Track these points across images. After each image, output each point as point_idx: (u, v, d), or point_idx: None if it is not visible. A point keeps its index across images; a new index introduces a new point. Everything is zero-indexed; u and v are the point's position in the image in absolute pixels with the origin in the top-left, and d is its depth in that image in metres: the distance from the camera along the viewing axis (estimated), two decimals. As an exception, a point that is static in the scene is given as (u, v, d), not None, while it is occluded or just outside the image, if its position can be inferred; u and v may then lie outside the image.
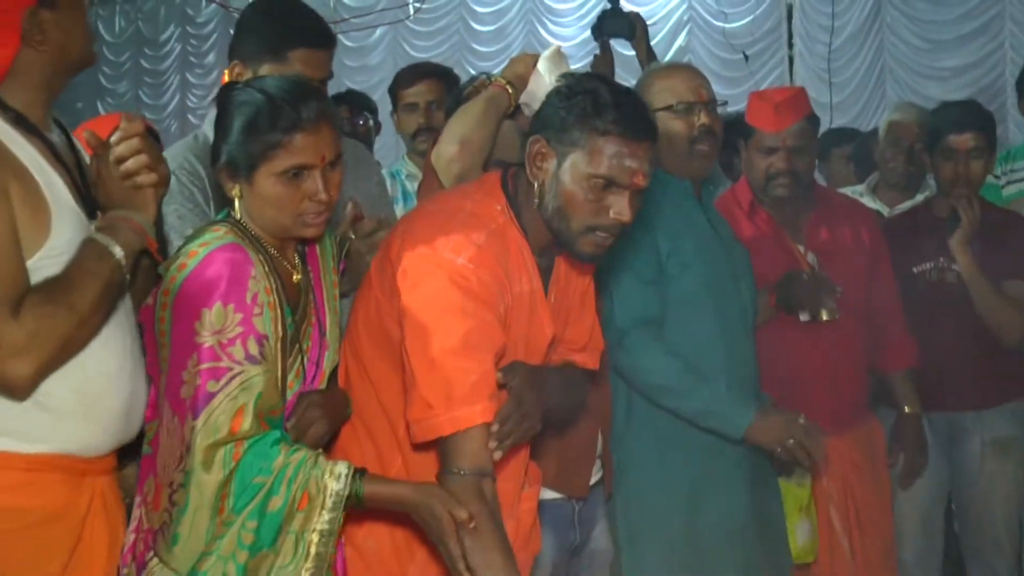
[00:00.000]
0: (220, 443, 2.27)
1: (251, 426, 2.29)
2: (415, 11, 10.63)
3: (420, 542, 2.58)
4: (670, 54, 9.18)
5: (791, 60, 9.09)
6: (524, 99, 3.11)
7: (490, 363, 2.46)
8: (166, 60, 13.13)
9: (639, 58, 4.87)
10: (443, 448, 2.43)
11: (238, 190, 2.42)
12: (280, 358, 2.41)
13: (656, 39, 9.24)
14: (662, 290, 3.38)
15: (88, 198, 2.41)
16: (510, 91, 3.09)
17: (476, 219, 2.51)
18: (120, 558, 2.44)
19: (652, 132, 2.53)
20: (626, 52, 5.17)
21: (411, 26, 10.85)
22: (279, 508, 2.30)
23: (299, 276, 2.52)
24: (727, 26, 9.13)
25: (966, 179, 4.24)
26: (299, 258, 2.55)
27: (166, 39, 13.12)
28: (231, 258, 2.33)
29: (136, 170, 2.38)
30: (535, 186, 2.53)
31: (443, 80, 4.76)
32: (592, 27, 4.96)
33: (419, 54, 10.28)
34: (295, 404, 2.49)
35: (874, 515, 3.99)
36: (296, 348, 2.46)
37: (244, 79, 2.78)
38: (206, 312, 2.28)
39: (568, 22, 9.95)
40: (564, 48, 3.21)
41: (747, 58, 8.89)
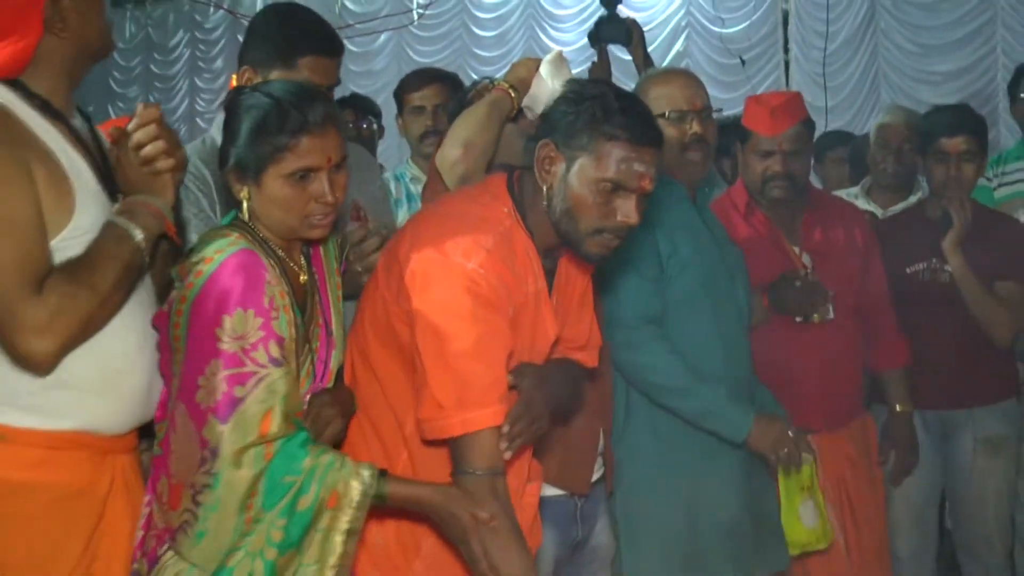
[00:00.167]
0: (250, 445, 2.28)
1: (280, 427, 2.30)
2: (419, 17, 10.65)
3: (425, 537, 2.59)
4: (668, 59, 9.18)
5: (787, 65, 9.10)
6: (526, 103, 3.10)
7: (502, 366, 2.48)
8: (175, 65, 13.14)
9: (636, 63, 4.87)
10: (455, 449, 2.45)
11: (246, 192, 2.42)
12: (293, 358, 2.42)
13: (655, 44, 9.26)
14: (662, 290, 3.39)
15: (110, 182, 2.44)
16: (512, 95, 3.09)
17: (484, 222, 2.51)
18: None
19: (658, 137, 2.54)
20: (624, 56, 5.17)
21: (415, 32, 10.86)
22: (308, 507, 2.31)
23: (305, 277, 2.52)
24: (724, 31, 9.13)
25: (958, 182, 4.24)
26: (304, 259, 2.55)
27: (175, 45, 13.13)
28: (247, 263, 2.33)
29: (154, 156, 2.41)
30: (543, 189, 2.53)
31: (449, 85, 4.77)
32: (589, 33, 4.97)
33: (422, 59, 10.28)
34: (308, 403, 2.50)
35: (868, 511, 3.99)
36: (306, 348, 2.47)
37: (253, 84, 2.78)
38: (227, 319, 2.28)
39: (568, 27, 9.95)
40: (565, 53, 3.20)
41: (744, 62, 8.88)
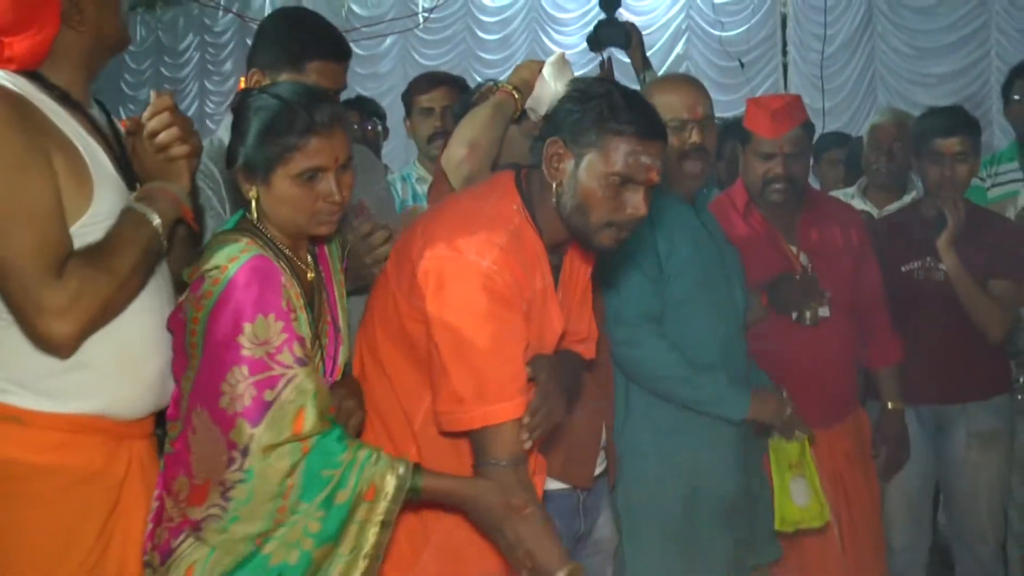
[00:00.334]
0: (284, 443, 2.30)
1: (314, 425, 2.32)
2: (424, 21, 10.65)
3: (433, 529, 2.60)
4: (668, 62, 9.19)
5: (785, 67, 9.09)
6: (530, 104, 3.11)
7: (520, 360, 2.50)
8: (185, 68, 13.15)
9: (634, 66, 4.88)
10: (477, 441, 2.48)
11: (255, 191, 2.42)
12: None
13: (655, 47, 9.27)
14: (661, 289, 3.40)
15: (128, 170, 2.45)
16: (516, 97, 3.10)
17: (496, 220, 2.52)
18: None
19: (663, 131, 2.56)
20: (623, 59, 5.18)
21: (420, 35, 10.86)
22: (346, 500, 2.33)
23: (312, 274, 2.53)
24: (724, 34, 9.13)
25: (952, 182, 4.26)
26: (311, 257, 2.56)
27: (185, 48, 13.14)
28: (262, 269, 2.34)
29: (169, 142, 2.42)
30: (553, 186, 2.55)
31: (456, 87, 4.82)
32: (588, 37, 4.97)
33: (427, 62, 10.29)
34: None
35: (864, 505, 4.00)
36: (316, 344, 2.48)
37: (261, 86, 2.79)
38: (248, 326, 2.29)
39: (571, 31, 9.95)
40: (567, 55, 3.20)
41: (743, 65, 8.88)
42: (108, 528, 2.39)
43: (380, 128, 5.60)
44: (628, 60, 4.95)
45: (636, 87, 3.58)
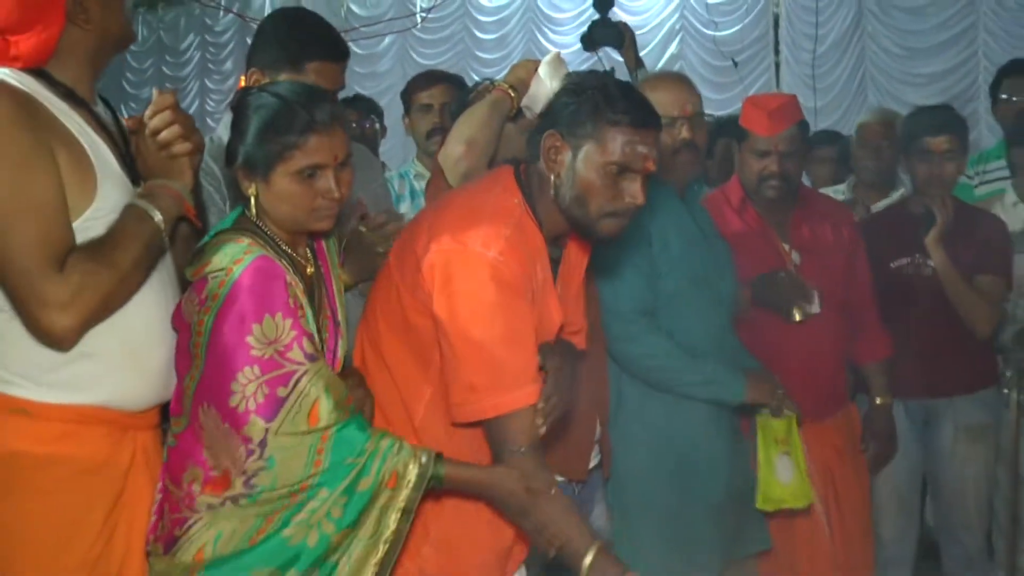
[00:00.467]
0: (301, 434, 2.31)
1: (330, 416, 2.33)
2: (422, 20, 10.64)
3: (433, 522, 2.60)
4: (663, 61, 9.19)
5: (777, 66, 9.10)
6: (526, 102, 3.12)
7: (532, 347, 2.51)
8: (186, 67, 13.13)
9: (627, 65, 4.88)
10: (495, 430, 2.48)
11: (254, 188, 2.42)
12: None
13: (650, 46, 9.27)
14: (655, 283, 3.41)
15: (132, 166, 2.46)
16: (512, 95, 3.11)
17: (499, 213, 2.53)
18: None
19: (657, 120, 2.57)
20: (616, 58, 5.18)
21: (418, 35, 10.85)
22: (368, 488, 2.34)
23: (312, 269, 2.53)
24: (717, 34, 9.13)
25: (940, 179, 4.26)
26: (310, 252, 2.56)
27: (186, 47, 13.12)
28: (267, 270, 2.34)
29: (171, 140, 2.42)
30: (551, 178, 2.55)
31: (454, 85, 4.83)
32: (582, 37, 4.97)
33: (426, 61, 10.28)
34: None
35: (854, 498, 4.00)
36: (317, 337, 2.47)
37: (261, 84, 2.79)
38: (256, 326, 2.30)
39: (566, 30, 9.94)
40: (562, 55, 3.21)
41: (736, 64, 8.89)
42: (113, 518, 2.39)
43: (378, 126, 5.61)
44: (622, 59, 4.95)
45: (630, 85, 3.60)
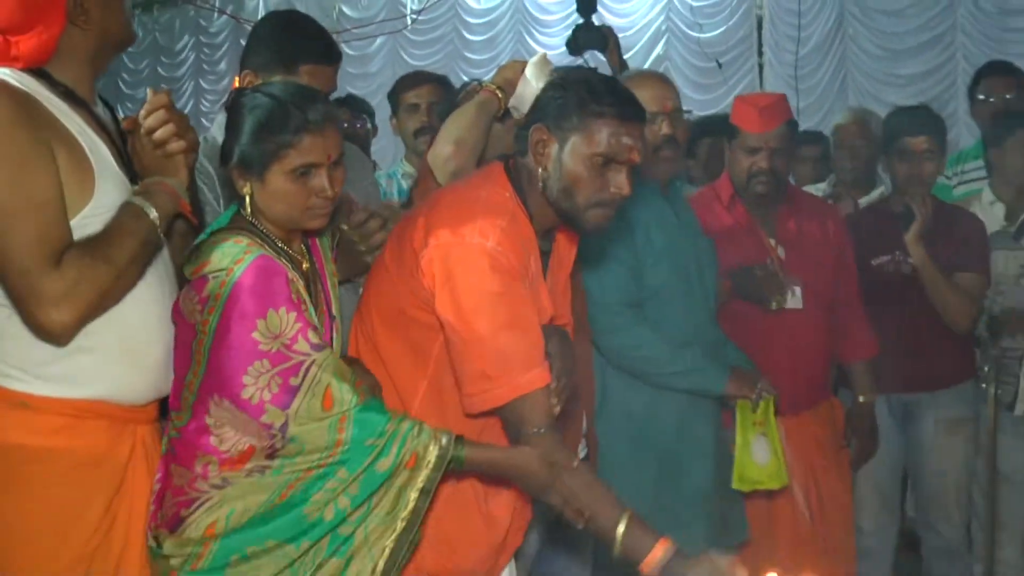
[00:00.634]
0: (319, 419, 2.32)
1: (342, 399, 2.33)
2: (412, 22, 10.63)
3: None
4: (649, 62, 9.19)
5: (761, 68, 9.10)
6: (513, 103, 3.12)
7: (537, 331, 2.51)
8: (181, 68, 13.10)
9: (611, 67, 4.89)
10: (512, 415, 2.46)
11: (249, 187, 2.43)
12: None
13: (636, 48, 9.27)
14: (639, 277, 3.42)
15: (130, 165, 2.46)
16: (500, 96, 3.11)
17: (493, 206, 2.53)
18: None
19: (642, 113, 2.57)
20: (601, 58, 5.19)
21: (409, 36, 10.83)
22: (387, 468, 2.33)
23: (308, 265, 2.53)
24: (702, 36, 9.13)
25: (919, 178, 4.28)
26: (304, 248, 2.56)
27: (181, 48, 13.09)
28: (267, 268, 2.34)
29: (166, 138, 2.43)
30: (539, 171, 2.56)
31: (440, 85, 4.84)
32: (567, 41, 4.98)
33: (416, 62, 10.26)
34: None
35: (835, 489, 4.01)
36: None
37: (255, 85, 2.79)
38: (261, 322, 2.30)
39: (554, 32, 9.92)
40: (550, 56, 3.21)
41: (720, 66, 8.90)
42: (112, 509, 2.39)
43: (369, 126, 5.61)
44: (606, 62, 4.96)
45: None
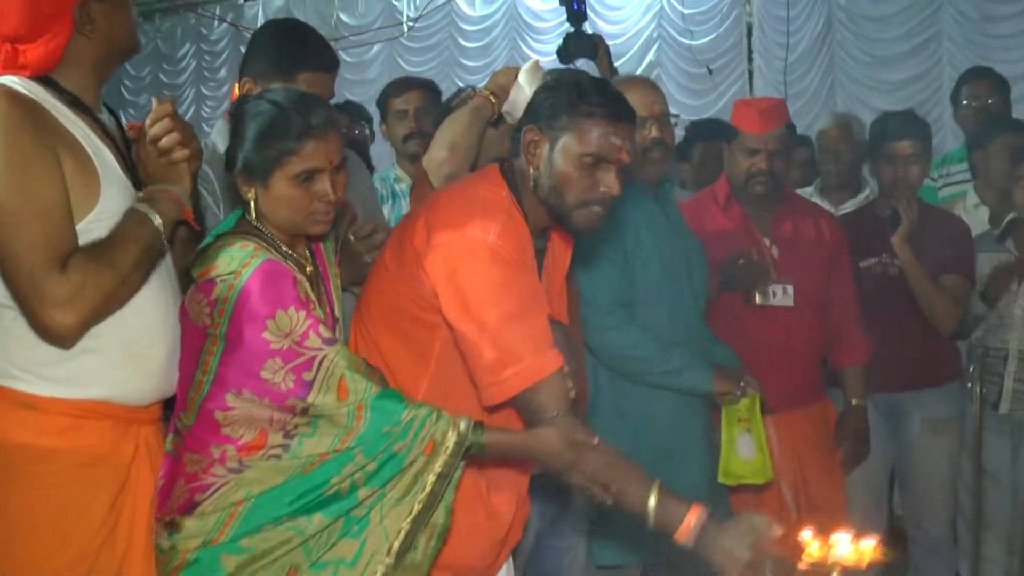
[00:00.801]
0: (334, 410, 2.32)
1: (356, 389, 2.32)
2: (409, 29, 10.64)
3: None
4: (641, 68, 9.17)
5: (751, 73, 9.08)
6: (506, 108, 3.13)
7: (545, 318, 2.50)
8: (182, 75, 13.08)
9: (602, 74, 4.89)
10: (529, 402, 2.44)
11: (253, 193, 2.44)
12: None
13: (628, 54, 9.27)
14: (630, 278, 3.43)
15: (134, 171, 2.47)
16: (493, 101, 3.12)
17: (491, 203, 2.53)
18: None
19: (631, 113, 2.58)
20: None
21: (405, 43, 10.82)
22: (404, 452, 2.32)
23: (311, 268, 2.54)
24: (693, 43, 9.12)
25: (905, 182, 4.30)
26: (308, 251, 2.57)
27: (182, 56, 13.07)
28: (273, 271, 2.35)
29: (170, 147, 2.44)
30: (530, 171, 2.56)
31: (428, 90, 4.85)
32: (558, 49, 4.99)
33: (412, 68, 10.25)
34: None
35: (826, 488, 4.01)
36: None
37: (258, 92, 2.79)
38: (270, 322, 2.31)
39: (548, 39, 9.91)
40: (543, 62, 3.22)
41: (711, 72, 8.91)
42: (116, 507, 2.40)
43: (368, 131, 5.60)
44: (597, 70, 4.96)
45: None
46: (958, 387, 4.40)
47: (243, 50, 3.21)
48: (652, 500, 2.39)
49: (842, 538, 2.34)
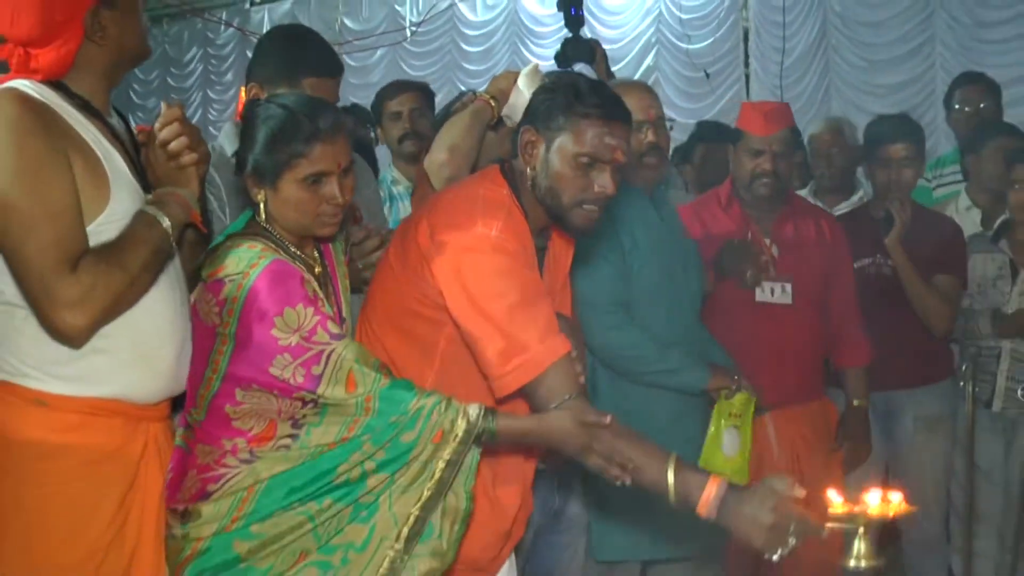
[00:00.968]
0: (342, 402, 2.32)
1: (367, 379, 2.32)
2: (412, 34, 10.64)
3: None
4: (639, 72, 9.18)
5: (747, 78, 9.09)
6: (506, 111, 3.13)
7: (549, 306, 2.51)
8: (189, 78, 13.08)
9: (599, 78, 4.90)
10: (539, 391, 2.42)
11: (263, 195, 2.45)
12: None
13: (627, 59, 9.27)
14: (627, 278, 3.43)
15: (143, 174, 2.47)
16: (493, 104, 3.13)
17: (492, 200, 2.54)
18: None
19: (626, 114, 2.58)
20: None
21: (408, 47, 10.82)
22: (412, 440, 2.32)
23: (320, 269, 2.55)
24: (691, 47, 9.12)
25: (899, 184, 4.31)
26: (317, 252, 2.58)
27: (189, 60, 13.07)
28: (281, 271, 2.36)
29: (179, 151, 2.45)
30: (528, 171, 2.57)
31: (422, 92, 4.88)
32: (556, 54, 5.00)
33: (415, 72, 10.25)
34: None
35: (821, 485, 3.98)
36: None
37: (268, 96, 2.79)
38: (279, 319, 2.31)
39: (548, 44, 9.90)
40: (542, 67, 3.23)
41: (708, 76, 8.91)
42: (126, 504, 2.40)
43: (373, 135, 5.61)
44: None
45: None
46: (951, 385, 4.41)
47: (249, 54, 3.21)
48: (671, 474, 2.33)
49: (871, 495, 2.30)
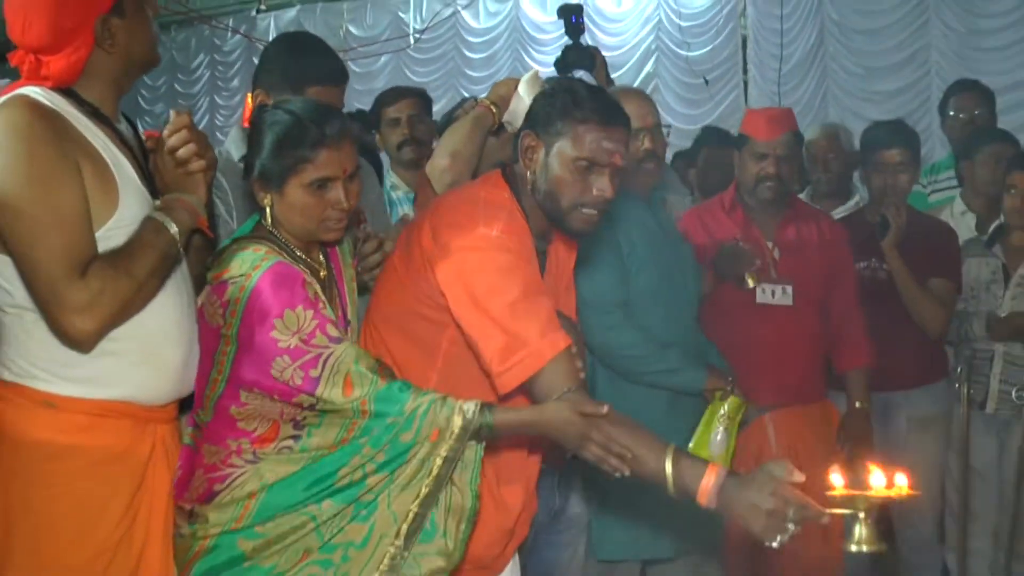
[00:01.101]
0: (339, 406, 2.33)
1: (362, 384, 2.32)
2: (415, 41, 10.66)
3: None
4: (639, 79, 9.19)
5: (746, 84, 9.09)
6: (507, 118, 3.14)
7: (549, 302, 2.50)
8: (196, 84, 13.08)
9: (598, 84, 4.90)
10: (540, 385, 2.40)
11: (269, 199, 2.45)
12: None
13: (627, 66, 9.28)
14: (626, 280, 3.45)
15: (151, 180, 2.47)
16: (494, 111, 3.13)
17: (493, 202, 2.55)
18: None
19: (625, 118, 2.58)
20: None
21: (411, 54, 10.84)
22: (409, 441, 2.32)
23: (325, 272, 2.55)
24: (690, 54, 9.13)
25: (894, 189, 4.32)
26: (323, 256, 2.58)
27: (196, 66, 13.07)
28: (283, 273, 2.37)
29: (187, 157, 2.45)
30: (528, 175, 2.58)
31: (420, 98, 4.86)
32: (556, 61, 5.00)
33: (419, 79, 10.25)
34: None
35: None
36: None
37: (276, 102, 2.80)
38: (279, 321, 2.32)
39: (550, 51, 9.90)
40: (542, 73, 3.23)
41: (707, 82, 8.93)
42: (134, 504, 2.40)
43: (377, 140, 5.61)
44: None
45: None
46: (945, 386, 4.41)
47: (255, 61, 3.22)
48: (668, 464, 2.30)
49: (875, 476, 2.25)
